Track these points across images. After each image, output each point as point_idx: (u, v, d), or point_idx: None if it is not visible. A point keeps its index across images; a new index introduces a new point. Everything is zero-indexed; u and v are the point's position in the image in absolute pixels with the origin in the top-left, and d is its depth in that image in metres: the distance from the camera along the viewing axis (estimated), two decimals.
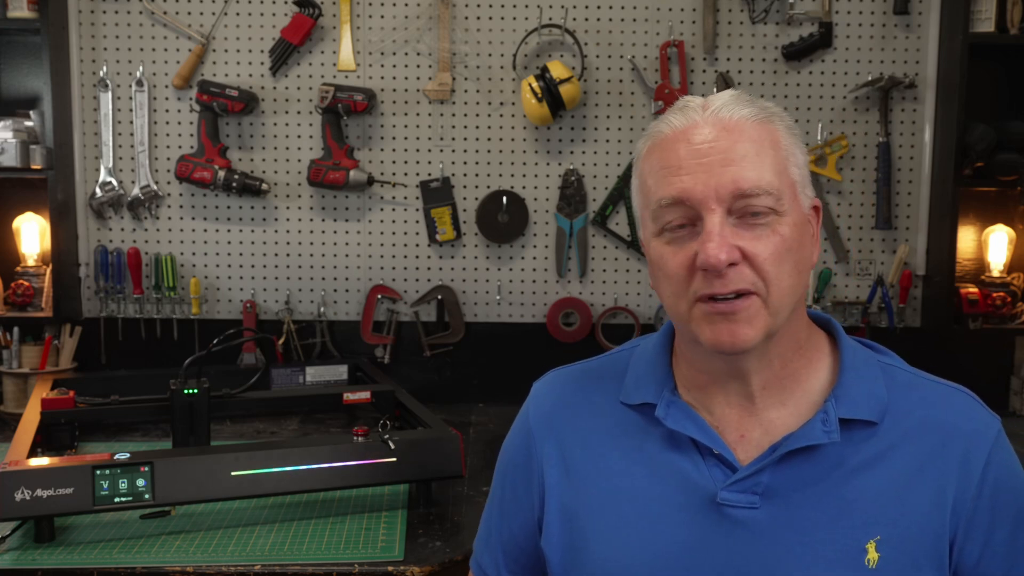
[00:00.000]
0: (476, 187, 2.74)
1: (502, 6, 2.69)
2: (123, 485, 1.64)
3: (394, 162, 2.73)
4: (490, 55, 2.70)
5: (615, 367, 1.15)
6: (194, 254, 2.75)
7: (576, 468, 1.10)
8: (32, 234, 2.70)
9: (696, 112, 1.01)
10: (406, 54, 2.71)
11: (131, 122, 2.69)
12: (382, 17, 2.70)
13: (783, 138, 1.01)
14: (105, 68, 2.68)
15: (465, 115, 2.72)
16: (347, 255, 2.76)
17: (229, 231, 2.74)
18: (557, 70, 2.57)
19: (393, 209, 2.75)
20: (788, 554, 0.98)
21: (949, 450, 1.00)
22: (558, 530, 1.10)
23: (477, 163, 2.74)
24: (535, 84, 2.57)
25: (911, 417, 1.02)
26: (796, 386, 1.04)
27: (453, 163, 2.74)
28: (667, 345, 1.12)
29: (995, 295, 2.69)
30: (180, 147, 2.71)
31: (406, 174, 2.73)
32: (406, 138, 2.73)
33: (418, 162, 2.73)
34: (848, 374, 1.03)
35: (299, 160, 2.72)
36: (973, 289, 2.70)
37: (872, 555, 0.97)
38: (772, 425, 1.03)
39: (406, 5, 2.69)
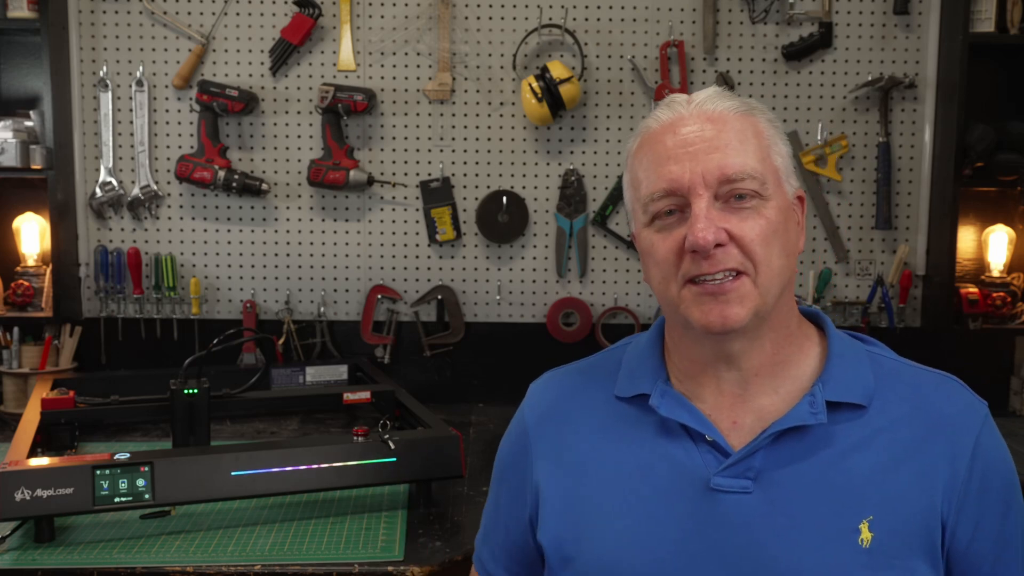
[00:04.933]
0: (476, 187, 2.74)
1: (502, 6, 2.69)
2: (123, 485, 1.64)
3: (394, 162, 2.73)
4: (490, 55, 2.70)
5: (609, 364, 1.17)
6: (194, 254, 2.75)
7: (571, 462, 1.12)
8: (32, 234, 2.70)
9: (682, 106, 1.06)
10: (406, 54, 2.71)
11: (131, 122, 2.69)
12: (382, 17, 2.70)
13: (765, 128, 1.06)
14: (105, 68, 2.68)
15: (465, 115, 2.72)
16: (347, 255, 2.76)
17: (229, 231, 2.74)
18: (557, 70, 2.57)
19: (393, 209, 2.75)
20: (782, 536, 0.99)
21: (938, 434, 1.02)
22: (553, 523, 1.11)
23: (477, 163, 2.74)
24: (535, 84, 2.57)
25: (900, 403, 1.04)
26: (787, 373, 1.06)
27: (453, 163, 2.73)
28: (659, 339, 1.15)
29: (995, 295, 2.69)
30: (180, 147, 2.71)
31: (406, 174, 2.74)
32: (406, 138, 2.73)
33: (418, 162, 2.73)
34: (835, 360, 1.06)
35: (299, 160, 2.72)
36: (973, 289, 2.70)
37: (865, 535, 0.98)
38: (764, 412, 1.05)
39: (406, 5, 2.69)
